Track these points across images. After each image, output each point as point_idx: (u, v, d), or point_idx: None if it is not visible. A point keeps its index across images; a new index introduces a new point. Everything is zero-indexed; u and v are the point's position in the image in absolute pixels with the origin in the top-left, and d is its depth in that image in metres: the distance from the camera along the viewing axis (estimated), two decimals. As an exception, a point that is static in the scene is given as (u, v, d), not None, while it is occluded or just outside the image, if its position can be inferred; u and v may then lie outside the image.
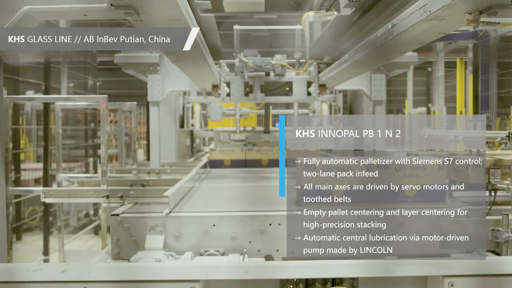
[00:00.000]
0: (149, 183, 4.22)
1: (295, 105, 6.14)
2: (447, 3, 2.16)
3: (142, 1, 1.98)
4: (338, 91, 7.15)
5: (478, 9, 2.16)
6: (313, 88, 4.75)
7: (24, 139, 7.79)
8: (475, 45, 10.96)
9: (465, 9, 2.19)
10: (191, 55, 2.97)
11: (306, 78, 4.63)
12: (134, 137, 5.77)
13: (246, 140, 5.51)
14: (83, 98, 6.13)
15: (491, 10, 2.10)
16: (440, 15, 2.31)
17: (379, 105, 5.49)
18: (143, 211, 3.20)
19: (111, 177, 4.84)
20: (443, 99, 13.50)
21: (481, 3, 2.06)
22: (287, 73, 4.52)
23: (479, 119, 4.27)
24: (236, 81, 4.38)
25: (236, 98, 4.42)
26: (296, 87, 4.42)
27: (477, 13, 2.17)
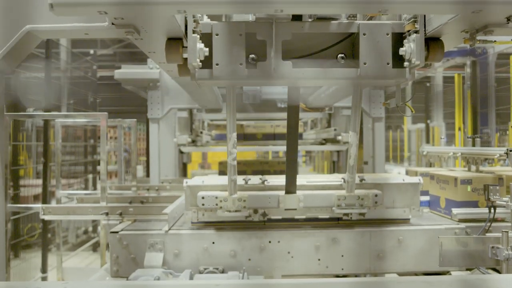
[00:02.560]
0: (149, 200, 4.22)
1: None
2: (443, 22, 2.18)
3: (142, 20, 2.00)
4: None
5: (475, 28, 2.18)
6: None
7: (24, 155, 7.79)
8: (473, 61, 11.04)
9: (462, 28, 2.21)
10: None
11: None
12: (134, 153, 5.78)
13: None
14: (83, 115, 6.14)
15: (487, 29, 2.12)
16: (437, 33, 2.34)
17: (378, 122, 5.52)
18: (142, 228, 3.19)
19: (111, 193, 4.84)
20: (442, 115, 13.55)
21: (477, 22, 2.09)
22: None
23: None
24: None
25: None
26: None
27: (473, 32, 2.20)
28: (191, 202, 3.16)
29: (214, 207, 3.03)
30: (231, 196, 2.98)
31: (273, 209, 3.12)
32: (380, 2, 1.69)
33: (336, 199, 3.06)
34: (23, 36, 2.21)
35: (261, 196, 3.08)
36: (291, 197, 3.09)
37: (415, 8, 1.94)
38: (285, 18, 2.43)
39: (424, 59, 2.33)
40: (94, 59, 11.28)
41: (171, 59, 2.30)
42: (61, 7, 1.69)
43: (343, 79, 2.48)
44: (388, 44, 2.42)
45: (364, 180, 3.28)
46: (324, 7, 1.80)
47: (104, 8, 1.72)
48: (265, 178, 3.28)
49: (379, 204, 3.12)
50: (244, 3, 1.68)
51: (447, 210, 3.55)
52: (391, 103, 2.87)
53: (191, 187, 3.17)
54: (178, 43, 2.29)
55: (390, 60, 2.41)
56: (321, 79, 2.49)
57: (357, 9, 2.02)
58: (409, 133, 16.28)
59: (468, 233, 3.18)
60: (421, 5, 1.73)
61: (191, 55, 2.22)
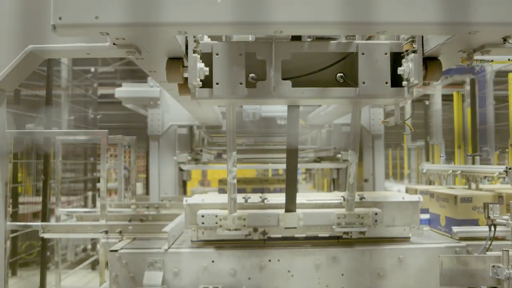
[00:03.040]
0: (148, 218, 4.21)
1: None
2: (441, 42, 2.21)
3: (143, 41, 2.03)
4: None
5: (472, 48, 2.21)
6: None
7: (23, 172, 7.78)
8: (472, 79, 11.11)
9: (459, 48, 2.24)
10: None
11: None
12: (133, 171, 5.78)
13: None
14: (84, 133, 6.16)
15: (484, 49, 2.14)
16: (434, 53, 2.37)
17: (378, 139, 5.54)
18: (142, 246, 3.18)
19: (110, 211, 4.83)
20: (442, 133, 13.59)
21: (474, 42, 2.11)
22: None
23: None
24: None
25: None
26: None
27: (470, 52, 2.22)
28: (191, 221, 3.16)
29: (214, 226, 3.02)
30: (231, 214, 2.98)
31: (273, 228, 3.12)
32: (378, 23, 1.71)
33: (336, 218, 3.06)
34: (25, 56, 2.23)
35: (261, 215, 3.07)
36: (291, 215, 3.08)
37: (412, 29, 1.97)
38: (285, 38, 2.46)
39: (423, 78, 2.36)
40: (95, 77, 11.34)
41: (172, 78, 2.32)
42: (64, 28, 1.71)
43: (342, 98, 2.51)
44: (387, 63, 2.45)
45: (364, 198, 3.28)
46: (323, 28, 1.83)
47: (106, 29, 1.75)
48: (265, 196, 3.28)
49: (379, 222, 3.11)
50: (244, 24, 1.71)
51: (447, 228, 3.54)
52: (390, 121, 2.89)
53: (191, 205, 3.17)
54: (179, 63, 2.31)
55: (388, 79, 2.44)
56: (320, 98, 2.51)
57: (356, 30, 2.05)
58: (409, 151, 16.32)
59: (469, 251, 3.17)
60: (418, 26, 1.75)
61: (192, 74, 2.24)
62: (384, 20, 1.70)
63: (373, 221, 3.09)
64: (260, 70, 2.46)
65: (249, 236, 3.12)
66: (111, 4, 1.68)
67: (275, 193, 3.64)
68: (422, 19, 1.69)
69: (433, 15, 1.70)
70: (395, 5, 1.69)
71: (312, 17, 1.68)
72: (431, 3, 1.69)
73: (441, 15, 1.70)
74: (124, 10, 1.69)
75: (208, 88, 2.41)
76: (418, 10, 1.69)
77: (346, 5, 1.67)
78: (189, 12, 1.67)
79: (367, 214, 3.07)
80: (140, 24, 1.71)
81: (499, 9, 1.72)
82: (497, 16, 1.72)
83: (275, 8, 1.67)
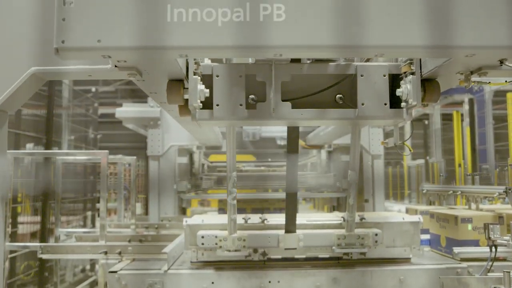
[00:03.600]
0: (147, 239, 4.19)
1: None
2: (438, 64, 2.24)
3: (145, 63, 2.05)
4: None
5: (469, 70, 2.23)
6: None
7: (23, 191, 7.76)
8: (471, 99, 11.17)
9: (456, 70, 2.26)
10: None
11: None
12: (133, 191, 5.76)
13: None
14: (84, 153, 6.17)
15: (481, 71, 2.17)
16: (432, 75, 2.39)
17: (378, 159, 5.54)
18: (141, 267, 3.16)
19: (110, 232, 4.80)
20: (441, 152, 13.59)
21: (471, 64, 2.14)
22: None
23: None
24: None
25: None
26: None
27: (468, 74, 2.25)
28: (191, 241, 3.14)
29: (214, 247, 3.01)
30: (231, 235, 2.97)
31: (273, 249, 3.11)
32: (376, 46, 1.74)
33: (336, 239, 3.05)
34: (28, 77, 2.25)
35: (261, 236, 3.06)
36: (291, 236, 3.08)
37: (410, 53, 1.99)
38: (284, 60, 2.49)
39: (421, 100, 2.37)
40: (96, 96, 11.40)
41: (172, 100, 2.34)
42: (67, 51, 1.74)
43: (341, 120, 2.52)
44: (385, 85, 2.48)
45: (364, 219, 3.27)
46: (322, 52, 1.85)
47: (108, 53, 1.77)
48: (265, 217, 3.28)
49: (380, 243, 3.11)
50: (244, 48, 1.73)
51: (448, 249, 3.53)
52: (389, 142, 2.90)
53: (190, 226, 3.16)
54: (179, 84, 2.33)
55: (387, 100, 2.46)
56: (320, 119, 2.53)
57: (354, 53, 2.07)
58: (409, 169, 16.30)
59: (470, 272, 3.15)
60: (415, 50, 1.77)
61: (192, 96, 2.26)
62: (381, 43, 1.72)
63: (374, 242, 3.08)
64: (260, 91, 2.48)
65: (249, 257, 3.10)
66: (113, 28, 1.71)
67: (275, 214, 3.64)
68: (418, 43, 1.72)
69: (430, 38, 1.72)
70: (391, 29, 1.71)
71: (310, 41, 1.70)
72: (427, 27, 1.72)
73: (437, 39, 1.73)
74: (126, 34, 1.71)
75: (208, 109, 2.43)
76: (414, 33, 1.71)
77: (342, 29, 1.70)
78: (190, 36, 1.70)
79: (367, 235, 3.06)
80: (142, 48, 1.73)
81: (495, 32, 1.75)
82: (493, 39, 1.75)
83: (274, 32, 1.70)
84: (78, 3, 1.70)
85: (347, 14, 1.70)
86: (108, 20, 1.70)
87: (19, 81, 2.28)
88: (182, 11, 1.70)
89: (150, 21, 1.71)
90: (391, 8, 1.71)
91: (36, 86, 2.42)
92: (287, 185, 3.04)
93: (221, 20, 1.69)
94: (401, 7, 1.71)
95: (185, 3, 1.69)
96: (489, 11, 1.74)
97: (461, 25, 1.74)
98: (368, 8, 1.70)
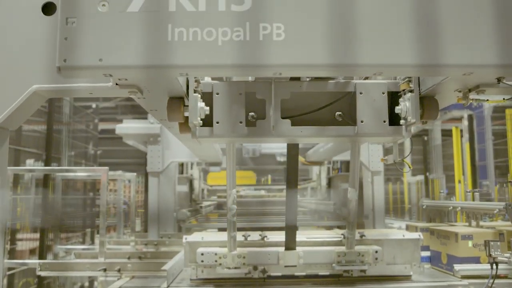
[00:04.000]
0: (147, 256, 4.17)
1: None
2: (437, 82, 2.25)
3: (145, 81, 2.07)
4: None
5: (467, 88, 2.25)
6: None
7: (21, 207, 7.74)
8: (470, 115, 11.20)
9: (455, 88, 2.28)
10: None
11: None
12: (133, 207, 5.76)
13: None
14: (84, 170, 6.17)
15: (479, 89, 2.18)
16: (431, 92, 2.41)
17: (378, 176, 5.54)
18: (141, 285, 3.15)
19: (109, 249, 4.78)
20: (442, 167, 13.59)
21: (469, 82, 2.15)
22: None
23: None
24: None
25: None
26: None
27: (466, 91, 2.26)
28: (191, 259, 3.13)
29: (214, 264, 3.00)
30: (231, 252, 2.96)
31: (273, 266, 3.09)
32: (374, 65, 1.76)
33: (336, 256, 3.04)
34: (29, 95, 2.27)
35: (261, 253, 3.05)
36: (291, 253, 3.07)
37: (408, 71, 2.01)
38: (284, 78, 2.51)
39: (420, 117, 2.39)
40: (96, 112, 11.44)
41: (173, 117, 2.36)
42: (69, 70, 1.76)
43: (341, 137, 2.53)
44: (384, 102, 2.49)
45: (364, 236, 3.26)
46: (321, 70, 1.87)
47: (109, 71, 1.79)
48: (265, 234, 3.27)
49: (380, 260, 3.09)
50: (244, 67, 1.75)
51: (449, 266, 3.51)
52: (388, 159, 2.90)
53: (190, 243, 3.15)
54: (180, 102, 2.35)
55: (386, 118, 2.47)
56: (319, 137, 2.54)
57: (353, 72, 2.09)
58: (409, 185, 16.28)
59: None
60: (413, 68, 1.79)
61: (192, 113, 2.27)
62: (379, 62, 1.74)
63: (374, 259, 3.06)
64: (259, 109, 2.50)
65: (249, 274, 3.09)
66: (115, 47, 1.73)
67: (275, 231, 3.63)
68: (413, 62, 1.74)
69: (425, 57, 1.74)
70: (386, 48, 1.73)
71: (309, 60, 1.72)
72: (422, 46, 1.74)
73: (432, 58, 1.75)
74: (128, 53, 1.73)
75: (208, 126, 2.44)
76: (409, 52, 1.73)
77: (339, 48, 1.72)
78: (191, 55, 1.72)
79: (367, 252, 3.05)
80: (143, 67, 1.75)
81: (492, 51, 1.77)
82: (490, 58, 1.77)
83: (274, 51, 1.72)
84: (80, 23, 1.72)
85: (344, 33, 1.72)
86: (110, 39, 1.72)
87: (20, 99, 2.29)
88: (182, 30, 1.72)
89: (151, 40, 1.73)
90: (386, 28, 1.73)
91: (38, 104, 2.43)
92: (287, 200, 3.04)
93: (221, 39, 1.71)
94: (395, 26, 1.73)
95: (185, 22, 1.71)
96: (486, 30, 1.76)
97: (458, 43, 1.76)
98: (364, 28, 1.73)
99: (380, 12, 1.73)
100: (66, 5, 1.73)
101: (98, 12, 1.72)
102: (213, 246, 3.11)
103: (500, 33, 1.77)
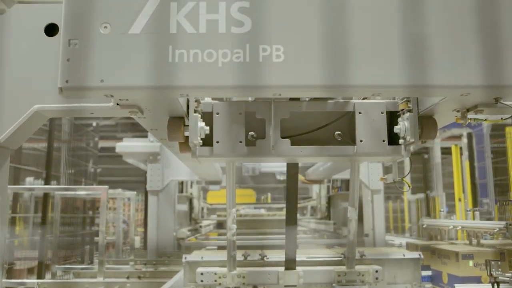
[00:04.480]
0: (146, 275, 4.14)
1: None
2: (435, 102, 2.27)
3: (146, 102, 2.09)
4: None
5: (465, 107, 2.27)
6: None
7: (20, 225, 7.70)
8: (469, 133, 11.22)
9: (453, 108, 2.30)
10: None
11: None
12: (132, 225, 5.73)
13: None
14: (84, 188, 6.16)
15: (477, 109, 2.20)
16: (429, 112, 2.43)
17: (377, 194, 5.53)
18: (139, 305, 3.12)
19: (108, 268, 4.75)
20: (442, 185, 13.57)
21: (467, 102, 2.17)
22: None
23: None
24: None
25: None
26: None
27: (464, 111, 2.28)
28: (190, 278, 3.11)
29: (213, 284, 2.98)
30: (230, 272, 2.95)
31: (272, 286, 3.07)
32: (369, 86, 1.77)
33: (337, 275, 3.02)
34: (31, 115, 2.28)
35: (261, 272, 3.04)
36: (291, 273, 3.05)
37: (406, 92, 2.03)
38: (283, 98, 2.53)
39: (419, 137, 2.40)
40: (96, 130, 11.47)
41: (173, 137, 2.37)
42: (70, 90, 1.77)
43: (340, 156, 2.54)
44: (383, 122, 2.51)
45: (364, 255, 3.25)
46: (320, 91, 1.89)
47: (110, 92, 1.80)
48: (265, 254, 3.26)
49: (380, 280, 3.07)
50: (244, 88, 1.77)
51: (450, 285, 3.49)
52: (388, 178, 2.91)
53: (190, 263, 3.14)
54: (180, 122, 2.36)
55: (385, 137, 2.49)
56: (319, 156, 2.55)
57: (352, 92, 2.11)
58: (409, 203, 16.23)
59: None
60: (411, 89, 1.81)
61: (192, 133, 2.29)
62: (375, 83, 1.76)
63: (374, 279, 3.05)
64: (259, 128, 2.51)
65: (249, 295, 3.07)
66: (116, 68, 1.75)
67: (275, 250, 3.61)
68: (409, 83, 1.76)
69: (420, 78, 1.76)
70: (383, 69, 1.76)
71: (309, 81, 1.74)
72: (419, 67, 1.76)
73: (433, 78, 1.77)
74: (129, 74, 1.75)
75: (208, 146, 2.45)
76: (405, 73, 1.75)
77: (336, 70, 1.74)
78: (191, 76, 1.73)
79: (367, 271, 3.03)
80: (144, 88, 1.77)
81: (489, 72, 1.79)
82: (487, 79, 1.79)
83: (274, 72, 1.74)
84: (82, 44, 1.75)
85: (340, 55, 1.75)
86: (111, 61, 1.74)
87: (22, 119, 2.31)
88: (183, 52, 1.74)
89: (152, 62, 1.75)
90: (380, 50, 1.75)
91: (39, 123, 2.45)
92: (286, 219, 3.04)
93: (222, 60, 1.73)
94: (389, 48, 1.75)
95: (186, 44, 1.74)
96: (482, 51, 1.79)
97: (455, 65, 1.78)
98: (358, 50, 1.75)
99: (374, 35, 1.76)
100: (68, 27, 1.76)
101: (100, 34, 1.75)
102: (213, 266, 3.09)
103: (496, 54, 1.79)
